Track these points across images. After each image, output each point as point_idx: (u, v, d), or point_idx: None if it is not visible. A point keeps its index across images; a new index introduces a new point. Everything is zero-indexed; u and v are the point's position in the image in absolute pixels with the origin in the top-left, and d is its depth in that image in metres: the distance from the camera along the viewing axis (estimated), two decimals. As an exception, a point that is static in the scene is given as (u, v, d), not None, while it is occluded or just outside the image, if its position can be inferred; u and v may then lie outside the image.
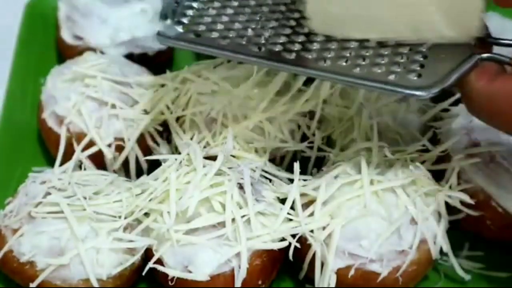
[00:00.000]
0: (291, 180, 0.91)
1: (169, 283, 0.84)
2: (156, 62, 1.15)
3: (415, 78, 0.76)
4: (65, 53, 1.16)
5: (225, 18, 0.84)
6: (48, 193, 0.88)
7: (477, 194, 0.91)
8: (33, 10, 1.23)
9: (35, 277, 0.83)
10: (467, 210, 0.90)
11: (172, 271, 0.83)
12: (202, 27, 0.83)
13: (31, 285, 0.83)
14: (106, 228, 0.85)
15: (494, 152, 0.92)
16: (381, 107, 1.00)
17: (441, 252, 0.89)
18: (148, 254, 0.86)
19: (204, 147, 0.96)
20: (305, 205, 0.87)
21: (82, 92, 0.99)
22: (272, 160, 0.97)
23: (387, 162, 0.92)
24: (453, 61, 0.76)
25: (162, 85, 1.04)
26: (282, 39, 0.81)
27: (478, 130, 0.94)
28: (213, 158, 0.89)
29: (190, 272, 0.82)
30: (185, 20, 0.83)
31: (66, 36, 1.15)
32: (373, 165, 0.90)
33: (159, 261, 0.84)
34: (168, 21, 0.83)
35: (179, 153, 0.94)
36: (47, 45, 1.21)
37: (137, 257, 0.86)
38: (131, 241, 0.85)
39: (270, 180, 0.93)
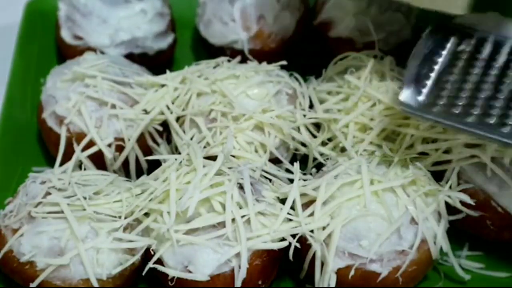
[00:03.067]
0: (291, 180, 0.91)
1: (169, 283, 0.84)
2: (156, 62, 1.15)
3: None
4: (65, 53, 1.16)
5: (465, 93, 0.84)
6: (48, 193, 0.88)
7: (477, 194, 0.91)
8: (33, 10, 1.23)
9: (35, 277, 0.83)
10: (467, 210, 0.90)
11: (172, 271, 0.83)
12: (443, 100, 0.84)
13: (31, 285, 0.83)
14: (106, 228, 0.85)
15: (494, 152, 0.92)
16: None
17: (441, 252, 0.89)
18: (148, 254, 0.86)
19: (204, 147, 0.96)
20: (305, 205, 0.87)
21: (82, 92, 0.99)
22: (272, 160, 0.98)
23: (387, 162, 0.92)
24: None
25: (162, 85, 1.04)
26: None
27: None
28: (213, 158, 0.89)
29: (190, 272, 0.83)
30: (425, 90, 0.85)
31: (66, 36, 1.15)
32: (373, 165, 0.90)
33: (159, 261, 0.84)
34: (410, 90, 0.84)
35: (179, 153, 0.94)
36: (47, 45, 1.21)
37: (137, 257, 0.86)
38: (131, 241, 0.86)
39: (270, 180, 0.93)
